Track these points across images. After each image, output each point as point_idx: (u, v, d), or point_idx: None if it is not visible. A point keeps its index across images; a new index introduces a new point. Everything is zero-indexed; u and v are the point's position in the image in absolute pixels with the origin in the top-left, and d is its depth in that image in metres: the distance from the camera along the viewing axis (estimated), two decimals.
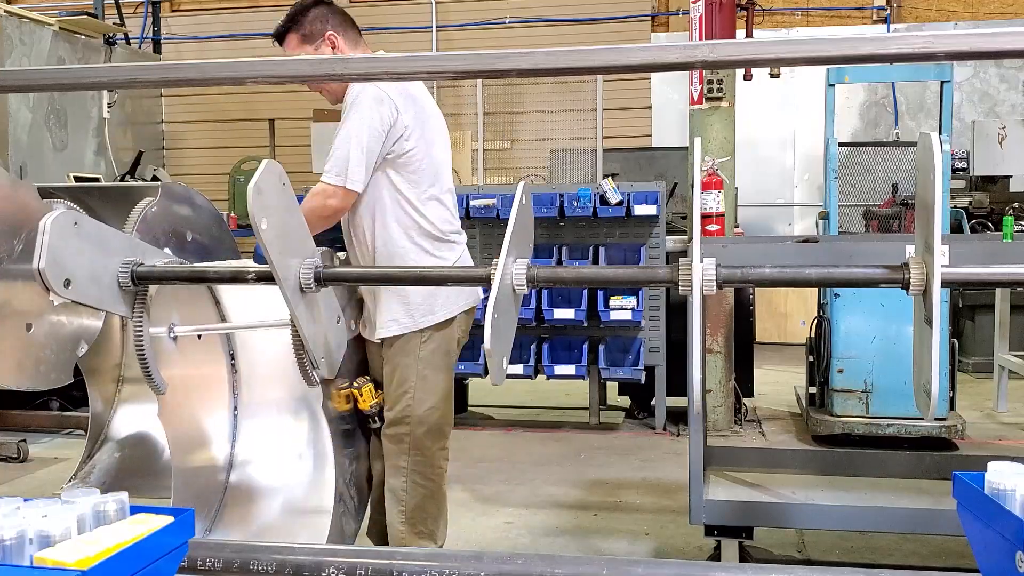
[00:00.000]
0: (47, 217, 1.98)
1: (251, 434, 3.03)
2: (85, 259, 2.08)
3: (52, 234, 1.98)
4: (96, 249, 2.13)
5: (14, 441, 5.38)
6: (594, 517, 4.43)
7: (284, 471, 3.05)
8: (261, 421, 3.04)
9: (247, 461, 3.03)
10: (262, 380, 3.02)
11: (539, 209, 5.93)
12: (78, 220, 2.07)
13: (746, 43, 1.76)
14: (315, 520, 2.96)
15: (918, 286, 1.76)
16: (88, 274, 2.09)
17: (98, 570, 1.26)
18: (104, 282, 2.15)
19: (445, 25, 11.21)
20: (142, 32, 11.32)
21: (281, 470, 3.04)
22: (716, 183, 5.71)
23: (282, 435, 3.04)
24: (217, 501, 2.97)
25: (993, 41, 1.53)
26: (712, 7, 5.91)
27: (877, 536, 3.95)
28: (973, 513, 1.50)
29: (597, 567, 1.95)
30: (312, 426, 3.01)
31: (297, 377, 2.49)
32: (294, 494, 3.03)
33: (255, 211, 1.99)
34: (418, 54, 1.82)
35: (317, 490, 2.99)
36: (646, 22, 10.98)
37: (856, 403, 5.19)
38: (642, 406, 6.48)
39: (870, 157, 9.89)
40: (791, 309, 9.83)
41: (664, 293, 6.01)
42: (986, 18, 10.50)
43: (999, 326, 6.50)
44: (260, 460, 3.03)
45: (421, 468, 3.05)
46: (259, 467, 3.03)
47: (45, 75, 2.29)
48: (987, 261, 3.22)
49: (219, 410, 2.99)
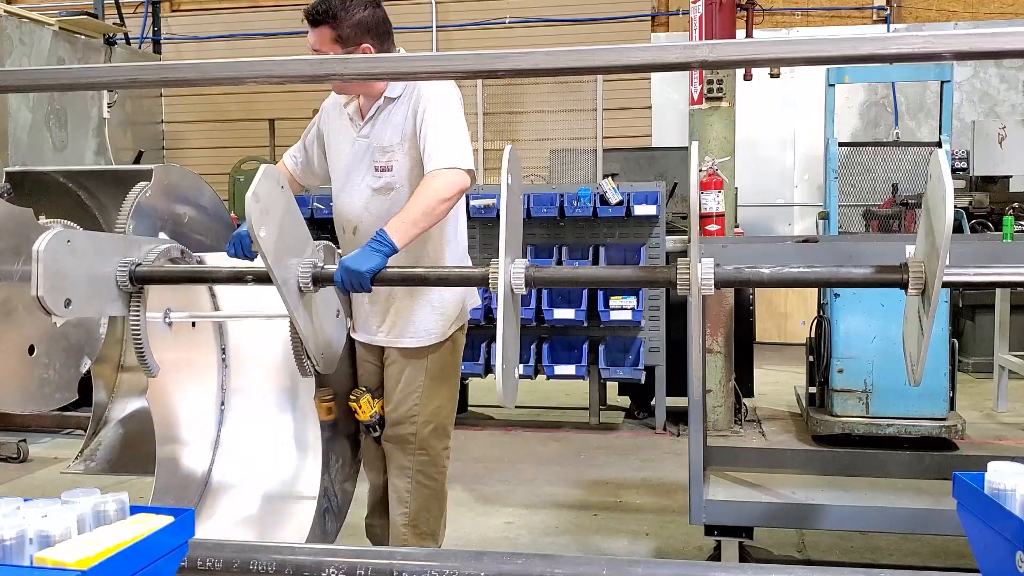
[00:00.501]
0: (39, 242, 1.96)
1: (238, 420, 3.04)
2: (82, 274, 2.07)
3: (46, 259, 1.96)
4: (92, 260, 2.12)
5: (14, 441, 5.37)
6: (594, 517, 4.43)
7: (269, 458, 3.05)
8: (248, 408, 3.05)
9: (233, 448, 3.03)
10: (252, 368, 3.03)
11: (539, 209, 5.93)
12: (71, 238, 2.06)
13: (746, 43, 1.76)
14: (298, 507, 2.97)
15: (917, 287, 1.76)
16: (87, 289, 2.08)
17: (98, 570, 1.26)
18: (103, 289, 2.15)
19: (445, 25, 11.21)
20: (142, 32, 11.33)
21: (266, 457, 3.05)
22: (716, 183, 5.71)
23: (269, 423, 3.05)
24: (200, 486, 2.98)
25: (993, 41, 1.53)
26: (712, 7, 5.91)
27: (877, 536, 3.95)
28: (973, 513, 1.50)
29: (597, 567, 1.96)
30: (299, 416, 3.01)
31: (287, 367, 2.49)
32: (278, 481, 3.03)
33: (254, 220, 1.99)
34: (418, 54, 1.82)
35: (302, 478, 2.99)
36: (646, 22, 10.98)
37: (856, 403, 5.19)
38: (642, 406, 6.48)
39: (870, 157, 9.89)
40: (791, 309, 9.83)
41: (664, 293, 6.01)
42: (986, 18, 10.50)
43: (999, 326, 6.49)
44: (245, 446, 3.04)
45: (426, 468, 3.04)
46: (244, 455, 3.03)
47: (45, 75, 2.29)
48: (987, 261, 3.22)
49: (207, 395, 3.00)
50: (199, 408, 2.99)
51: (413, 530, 3.04)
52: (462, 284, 2.67)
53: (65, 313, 2.01)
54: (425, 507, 3.05)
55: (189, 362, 2.92)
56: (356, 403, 3.03)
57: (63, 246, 2.02)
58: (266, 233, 2.03)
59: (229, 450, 3.03)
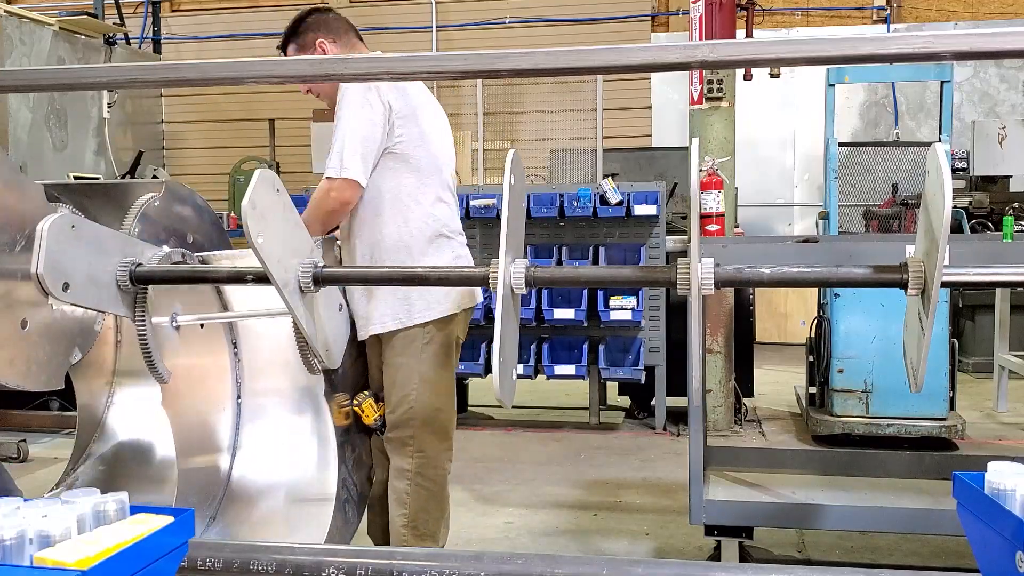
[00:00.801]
0: (45, 221, 1.98)
1: (255, 422, 3.03)
2: (83, 262, 2.08)
3: (50, 238, 1.98)
4: (94, 251, 2.13)
5: (14, 441, 5.38)
6: (594, 517, 4.43)
7: (288, 459, 3.04)
8: (265, 409, 3.03)
9: (251, 449, 3.02)
10: (265, 368, 3.02)
11: (539, 209, 5.93)
12: (75, 223, 2.07)
13: (746, 43, 1.76)
14: (318, 509, 2.96)
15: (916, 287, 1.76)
16: (86, 277, 2.09)
17: (98, 570, 1.26)
18: (103, 284, 2.16)
19: (445, 25, 11.21)
20: (142, 32, 11.33)
21: (285, 458, 3.04)
22: (716, 183, 5.71)
23: (286, 423, 3.03)
24: (221, 490, 2.96)
25: (993, 41, 1.53)
26: (712, 7, 5.91)
27: (877, 536, 3.95)
28: (973, 513, 1.50)
29: (597, 567, 1.95)
30: (315, 415, 3.00)
31: (300, 366, 2.50)
32: (298, 482, 3.02)
33: (251, 227, 2.00)
34: (418, 54, 1.82)
35: (321, 478, 2.98)
36: (646, 22, 10.99)
37: (856, 403, 5.19)
38: (642, 406, 6.49)
39: (870, 157, 9.90)
40: (791, 309, 9.83)
41: (664, 293, 6.01)
42: (986, 18, 10.51)
43: (999, 326, 6.50)
44: (264, 448, 3.02)
45: (424, 470, 3.03)
46: (263, 456, 3.02)
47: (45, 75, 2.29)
48: (987, 261, 3.22)
49: (223, 398, 2.98)
50: (215, 412, 2.98)
51: (412, 531, 3.04)
52: (462, 284, 2.67)
53: (62, 296, 2.02)
54: (424, 508, 3.05)
55: (201, 366, 2.90)
56: (359, 407, 3.04)
57: (68, 230, 2.03)
58: (264, 240, 2.04)
59: (248, 452, 3.02)
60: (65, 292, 2.03)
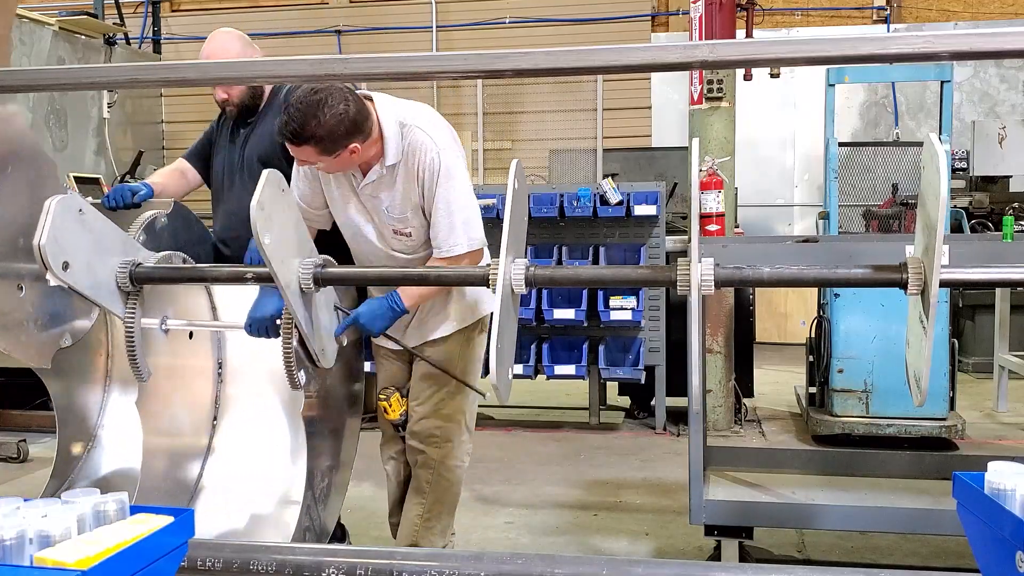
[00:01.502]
0: (54, 198, 2.00)
1: (232, 429, 3.05)
2: (85, 248, 2.10)
3: (56, 215, 1.99)
4: (97, 241, 2.15)
5: (14, 441, 5.37)
6: (594, 517, 4.43)
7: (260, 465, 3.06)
8: (241, 416, 3.06)
9: (225, 453, 3.05)
10: (247, 378, 3.04)
11: (539, 209, 5.93)
12: (84, 208, 2.09)
13: (746, 43, 1.76)
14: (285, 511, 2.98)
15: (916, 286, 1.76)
16: (86, 262, 2.11)
17: (98, 570, 1.26)
18: (100, 276, 2.17)
19: (445, 25, 11.21)
20: (142, 32, 11.32)
21: (257, 464, 3.06)
22: (716, 183, 5.71)
23: (261, 431, 3.06)
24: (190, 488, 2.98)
25: (993, 41, 1.54)
26: (712, 7, 5.91)
27: (877, 536, 3.95)
28: (973, 513, 1.50)
29: (597, 567, 1.96)
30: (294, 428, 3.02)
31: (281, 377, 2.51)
32: (268, 486, 3.04)
33: (259, 228, 2.02)
34: (418, 54, 1.82)
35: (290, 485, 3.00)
36: (646, 22, 10.98)
37: (856, 403, 5.19)
38: (642, 406, 6.48)
39: (870, 157, 9.90)
40: (791, 309, 9.83)
41: (664, 293, 6.01)
42: (986, 18, 10.50)
43: (999, 326, 6.49)
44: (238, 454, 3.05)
45: (448, 461, 3.11)
46: (236, 460, 3.04)
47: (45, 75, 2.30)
48: (987, 261, 3.22)
49: (201, 403, 3.01)
50: (192, 415, 3.00)
51: (424, 523, 3.12)
52: (462, 284, 2.68)
53: (61, 275, 2.03)
54: (440, 500, 3.14)
55: (184, 370, 2.92)
56: (386, 402, 3.09)
57: (75, 212, 2.05)
58: (270, 240, 2.06)
59: (221, 456, 3.05)
60: (64, 271, 2.04)
